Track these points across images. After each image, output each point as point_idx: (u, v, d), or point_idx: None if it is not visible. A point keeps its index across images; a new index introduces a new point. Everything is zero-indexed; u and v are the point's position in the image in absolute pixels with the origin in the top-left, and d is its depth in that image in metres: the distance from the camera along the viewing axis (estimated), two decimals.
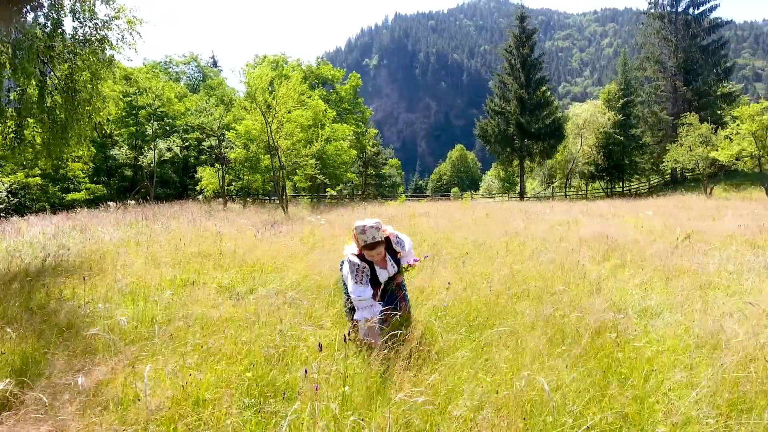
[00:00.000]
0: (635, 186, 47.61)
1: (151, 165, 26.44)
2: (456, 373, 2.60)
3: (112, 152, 29.90)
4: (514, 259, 5.91)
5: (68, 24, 17.26)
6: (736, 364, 2.48)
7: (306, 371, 2.37)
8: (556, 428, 2.12)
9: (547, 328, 3.17)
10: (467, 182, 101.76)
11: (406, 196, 44.05)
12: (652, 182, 46.73)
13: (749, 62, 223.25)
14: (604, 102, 44.13)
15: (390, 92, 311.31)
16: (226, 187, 25.90)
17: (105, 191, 30.37)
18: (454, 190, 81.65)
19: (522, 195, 42.30)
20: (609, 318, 3.34)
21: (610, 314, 3.49)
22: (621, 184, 46.63)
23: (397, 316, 3.33)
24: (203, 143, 29.31)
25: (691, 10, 42.25)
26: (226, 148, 25.55)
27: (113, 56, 9.46)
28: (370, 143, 38.83)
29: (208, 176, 26.19)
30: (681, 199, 26.13)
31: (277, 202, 31.27)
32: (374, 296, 3.37)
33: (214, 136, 24.46)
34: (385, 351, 2.62)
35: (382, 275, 3.43)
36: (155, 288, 5.30)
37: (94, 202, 26.06)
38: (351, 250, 3.45)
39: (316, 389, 2.21)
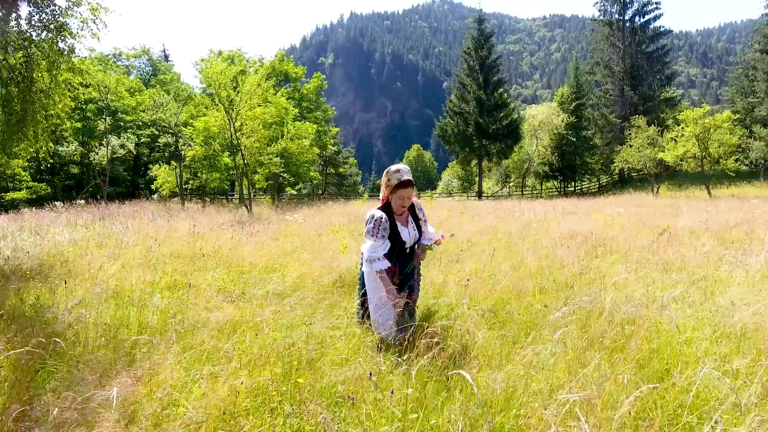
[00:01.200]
0: (586, 185, 49.62)
1: (103, 162, 25.04)
2: (499, 370, 2.55)
3: (57, 148, 28.13)
4: (508, 255, 5.96)
5: (24, 9, 15.98)
6: None
7: (371, 374, 2.25)
8: (623, 419, 2.10)
9: (578, 322, 3.18)
10: (424, 181, 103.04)
11: (368, 196, 43.96)
12: (601, 182, 48.84)
13: (684, 69, 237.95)
14: (558, 104, 45.79)
15: (346, 91, 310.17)
16: (183, 186, 24.93)
17: (49, 190, 28.54)
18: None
19: (480, 194, 43.17)
20: (630, 311, 3.40)
21: (625, 307, 3.56)
22: (573, 183, 48.54)
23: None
24: (158, 140, 28.05)
25: (637, 19, 44.48)
26: (183, 145, 24.57)
27: (74, 45, 8.83)
28: (331, 142, 38.50)
29: (164, 174, 25.11)
30: (631, 198, 27.42)
31: (236, 201, 30.41)
32: (393, 275, 3.28)
33: (171, 133, 23.43)
34: (433, 352, 2.53)
35: (404, 233, 3.32)
36: (141, 291, 4.97)
37: (37, 202, 24.43)
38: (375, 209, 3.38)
39: (392, 393, 2.09)
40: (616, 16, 45.06)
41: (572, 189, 47.78)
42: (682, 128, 28.36)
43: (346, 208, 18.56)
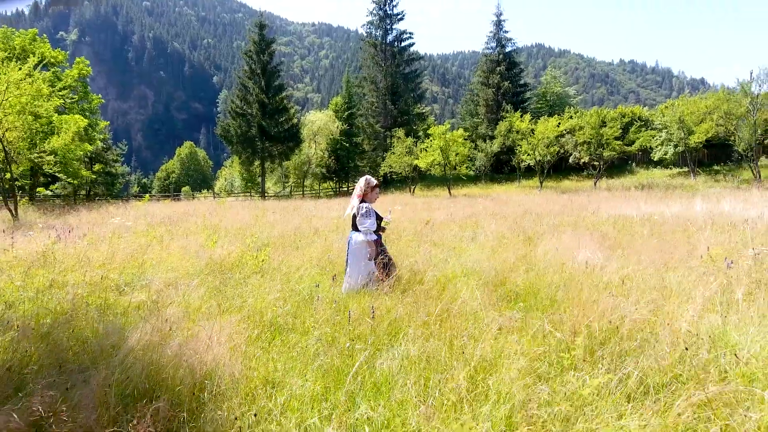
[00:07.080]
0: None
1: None
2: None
3: None
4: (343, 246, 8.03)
5: None
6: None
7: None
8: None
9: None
10: (199, 180, 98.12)
11: (149, 197, 40.72)
12: None
13: (429, 87, 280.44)
14: (333, 112, 50.43)
15: (96, 75, 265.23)
16: None
17: None
18: (186, 189, 78.17)
19: (263, 194, 44.57)
20: (420, 267, 5.82)
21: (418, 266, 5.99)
22: (346, 184, 54.03)
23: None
24: None
25: (396, 44, 52.15)
26: None
27: None
28: (101, 137, 34.53)
29: None
30: (396, 196, 33.01)
31: None
32: (378, 244, 5.32)
33: None
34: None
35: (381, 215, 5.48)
36: (25, 289, 5.27)
37: None
38: (355, 204, 5.28)
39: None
40: (380, 39, 52.02)
41: (345, 189, 53.17)
42: (431, 141, 35.27)
43: (139, 210, 17.98)
